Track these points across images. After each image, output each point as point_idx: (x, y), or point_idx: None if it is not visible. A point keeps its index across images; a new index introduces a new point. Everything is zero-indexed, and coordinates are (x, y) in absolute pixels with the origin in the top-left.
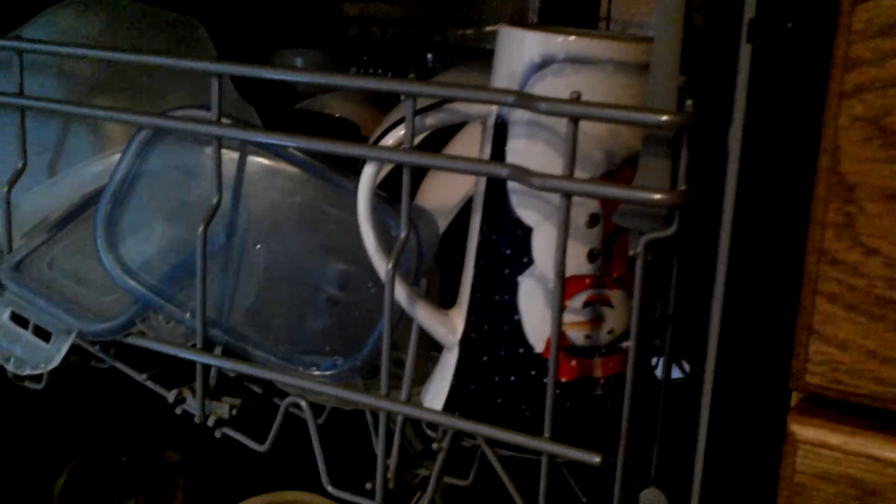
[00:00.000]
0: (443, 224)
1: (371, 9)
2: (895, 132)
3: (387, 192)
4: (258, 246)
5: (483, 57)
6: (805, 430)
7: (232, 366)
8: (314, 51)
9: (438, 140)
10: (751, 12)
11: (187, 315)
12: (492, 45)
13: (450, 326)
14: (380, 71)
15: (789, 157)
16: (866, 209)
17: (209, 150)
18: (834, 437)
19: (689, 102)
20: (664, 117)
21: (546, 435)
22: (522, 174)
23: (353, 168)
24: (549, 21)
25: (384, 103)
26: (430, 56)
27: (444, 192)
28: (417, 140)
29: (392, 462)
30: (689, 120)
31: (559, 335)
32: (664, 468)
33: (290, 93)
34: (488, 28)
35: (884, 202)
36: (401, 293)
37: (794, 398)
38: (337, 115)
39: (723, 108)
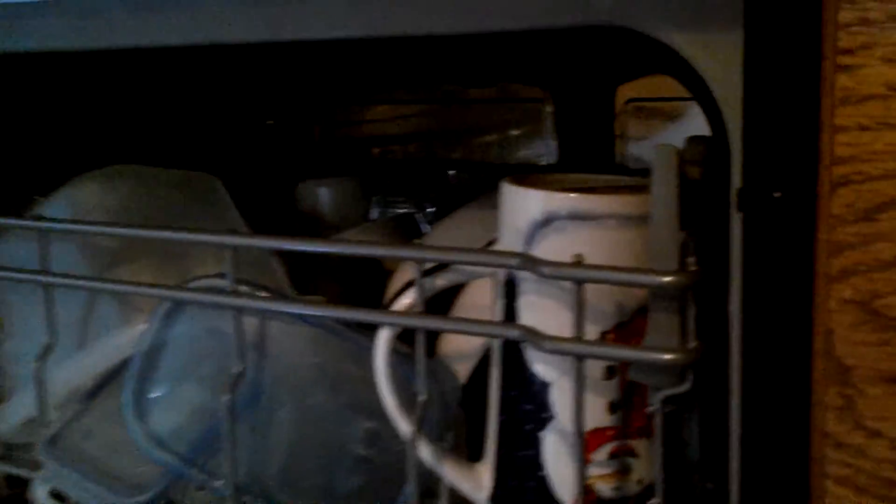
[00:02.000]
0: (465, 369)
1: (391, 127)
2: (886, 315)
3: (407, 339)
4: (283, 407)
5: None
6: None
7: None
8: (337, 180)
9: None
10: (738, 181)
11: (219, 483)
12: (516, 151)
13: (478, 483)
14: (398, 200)
15: (789, 335)
16: (865, 392)
17: (230, 314)
18: None
19: (690, 260)
20: (667, 278)
21: None
22: (534, 337)
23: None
24: (564, 134)
25: (407, 236)
26: (451, 173)
27: (464, 339)
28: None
29: None
30: (691, 279)
31: (584, 491)
32: None
33: (317, 224)
34: (512, 132)
35: (882, 385)
36: (426, 453)
37: None
38: None
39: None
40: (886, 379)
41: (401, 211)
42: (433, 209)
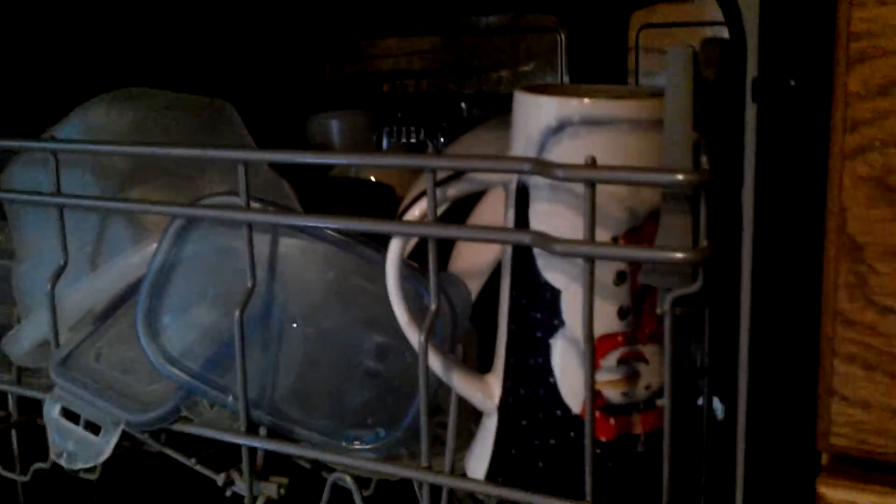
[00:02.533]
0: (476, 286)
1: (403, 62)
2: None
3: (419, 258)
4: (295, 324)
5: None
6: (834, 492)
7: (275, 447)
8: (348, 112)
9: (471, 200)
10: (753, 71)
11: (230, 398)
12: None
13: (487, 392)
14: (412, 129)
15: (802, 218)
16: (877, 268)
17: (242, 232)
18: (864, 498)
19: (704, 159)
20: (680, 176)
21: (588, 499)
22: (545, 241)
23: (386, 239)
24: (576, 67)
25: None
26: (464, 105)
27: (475, 255)
28: (444, 207)
29: None
30: (705, 177)
31: (594, 396)
32: None
33: None
34: (523, 68)
35: (894, 261)
36: (436, 363)
37: (825, 458)
38: (373, 179)
39: (739, 162)
40: None
41: (412, 141)
42: (445, 140)
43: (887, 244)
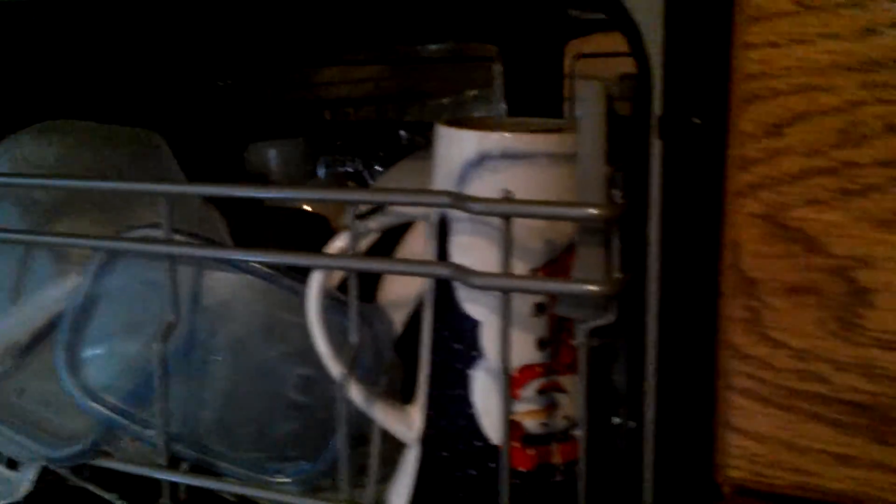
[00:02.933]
0: (402, 317)
1: (345, 91)
2: (792, 228)
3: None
4: (219, 357)
5: None
6: None
7: (196, 481)
8: (286, 141)
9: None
10: (658, 109)
11: (150, 433)
12: (469, 113)
13: (408, 424)
14: (349, 158)
15: (701, 253)
16: (770, 304)
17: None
18: None
19: (616, 193)
20: (592, 211)
21: None
22: (463, 274)
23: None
24: (513, 96)
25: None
26: (403, 133)
27: (401, 286)
28: (371, 239)
29: None
30: (616, 212)
31: (509, 427)
32: None
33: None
34: (466, 95)
35: (786, 296)
36: (357, 395)
37: (726, 490)
38: (308, 209)
39: (646, 197)
40: (790, 290)
41: (349, 170)
42: (382, 168)
43: (779, 280)
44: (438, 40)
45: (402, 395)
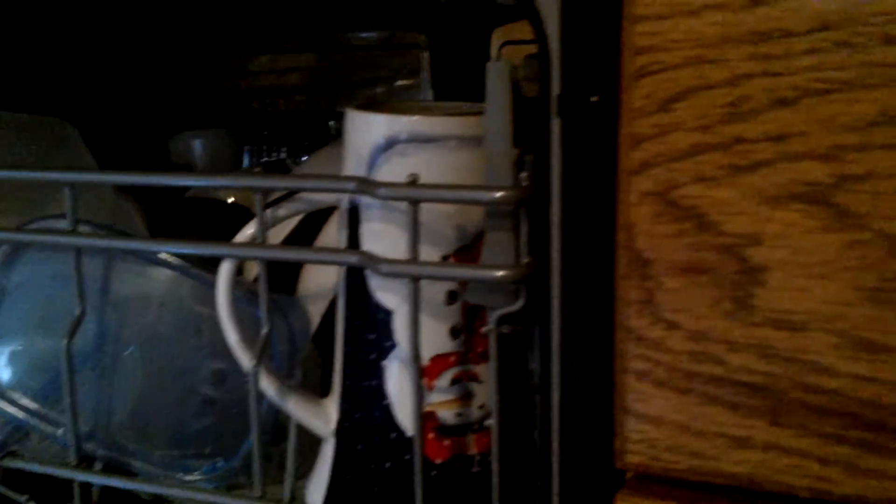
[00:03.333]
0: (321, 308)
1: (273, 79)
2: (683, 206)
3: (273, 279)
4: (130, 351)
5: None
6: None
7: (107, 481)
8: (210, 131)
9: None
10: (557, 87)
11: (60, 431)
12: (405, 98)
13: (324, 417)
14: (275, 147)
15: (598, 234)
16: (664, 284)
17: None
18: None
19: (523, 175)
20: (499, 194)
21: None
22: (371, 261)
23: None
24: (441, 83)
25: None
26: (332, 123)
27: (320, 277)
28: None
29: None
30: (524, 194)
31: (422, 417)
32: None
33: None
34: (398, 84)
35: (679, 276)
36: (270, 388)
37: (629, 475)
38: (230, 200)
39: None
40: (683, 269)
41: (273, 160)
42: (307, 157)
43: (673, 260)
44: (368, 28)
45: (321, 389)
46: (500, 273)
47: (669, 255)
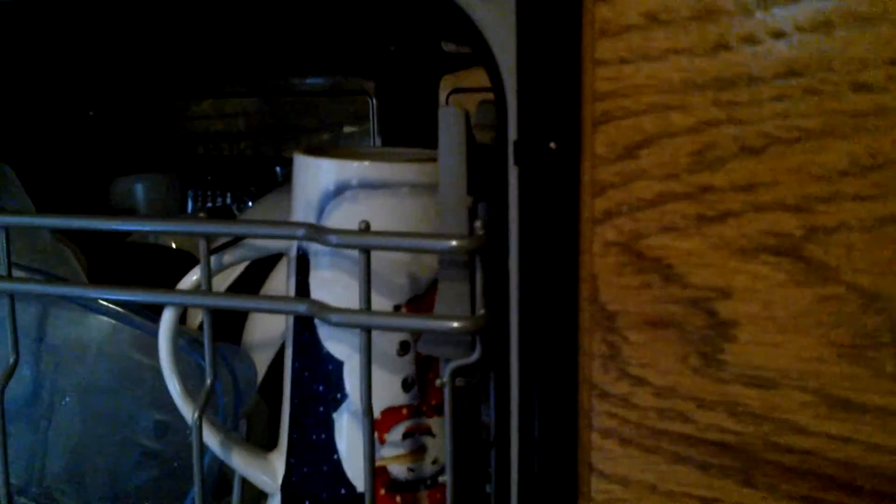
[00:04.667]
0: (268, 357)
1: (218, 124)
2: (649, 257)
3: (217, 327)
4: (66, 399)
5: None
6: None
7: None
8: (153, 175)
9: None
10: (514, 134)
11: None
12: (352, 144)
13: (270, 472)
14: (219, 192)
15: (559, 286)
16: (629, 338)
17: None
18: None
19: (477, 224)
20: (454, 242)
21: None
22: (321, 310)
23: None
24: (388, 130)
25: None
26: (278, 169)
27: (267, 325)
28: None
29: None
30: (478, 243)
31: (373, 472)
32: None
33: None
34: (346, 131)
35: (645, 330)
36: (213, 441)
37: None
38: (173, 246)
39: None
40: (649, 323)
41: (218, 205)
42: (252, 204)
43: (638, 312)
44: (315, 74)
45: (268, 442)
46: (455, 324)
47: (635, 308)
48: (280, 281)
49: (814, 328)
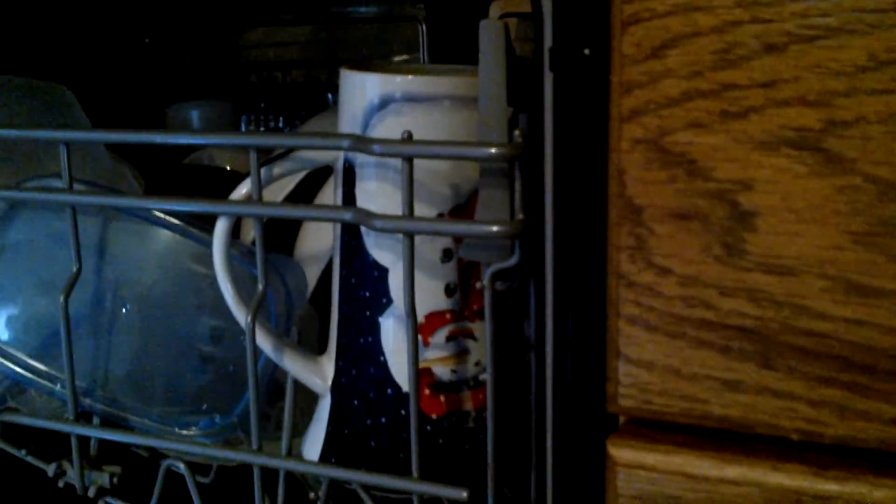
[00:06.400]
0: (318, 270)
1: (270, 53)
2: (674, 153)
3: (269, 240)
4: (126, 308)
5: None
6: (622, 453)
7: (104, 434)
8: (209, 102)
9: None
10: (549, 41)
11: (58, 387)
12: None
13: (320, 373)
14: (271, 118)
15: (590, 183)
16: (655, 230)
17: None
18: (650, 458)
19: (516, 132)
20: (493, 150)
21: (415, 475)
22: (365, 217)
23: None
24: (438, 57)
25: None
26: (329, 96)
27: (317, 239)
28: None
29: None
30: (517, 150)
31: (417, 373)
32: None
33: (187, 148)
34: (397, 58)
35: (670, 222)
36: (266, 345)
37: (621, 421)
38: (228, 168)
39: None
40: (674, 215)
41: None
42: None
43: (663, 206)
44: (367, 2)
45: (319, 349)
46: (495, 228)
47: (660, 202)
48: (328, 197)
49: (831, 217)
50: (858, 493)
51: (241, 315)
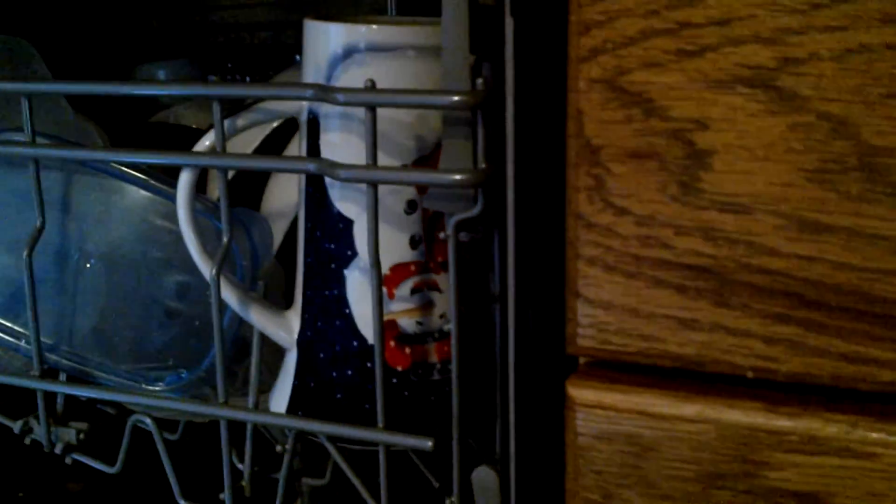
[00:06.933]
0: (284, 225)
1: (238, 15)
2: (631, 92)
3: (235, 196)
4: (91, 264)
5: None
6: (582, 393)
7: (70, 390)
8: (176, 62)
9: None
10: None
11: (23, 342)
12: None
13: (286, 327)
14: (238, 78)
15: (549, 124)
16: (613, 170)
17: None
18: (608, 397)
19: (479, 80)
20: (455, 97)
21: (380, 425)
22: (329, 167)
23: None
24: (407, 12)
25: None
26: (297, 58)
27: (283, 193)
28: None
29: (246, 469)
30: (480, 98)
31: (382, 324)
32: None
33: (153, 107)
34: (366, 18)
35: (628, 162)
36: (232, 298)
37: (581, 361)
38: (194, 126)
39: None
40: (631, 155)
41: None
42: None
43: (621, 146)
44: None
45: (284, 302)
46: (458, 177)
47: (618, 141)
48: (293, 152)
49: (785, 155)
50: (812, 428)
51: (206, 268)
